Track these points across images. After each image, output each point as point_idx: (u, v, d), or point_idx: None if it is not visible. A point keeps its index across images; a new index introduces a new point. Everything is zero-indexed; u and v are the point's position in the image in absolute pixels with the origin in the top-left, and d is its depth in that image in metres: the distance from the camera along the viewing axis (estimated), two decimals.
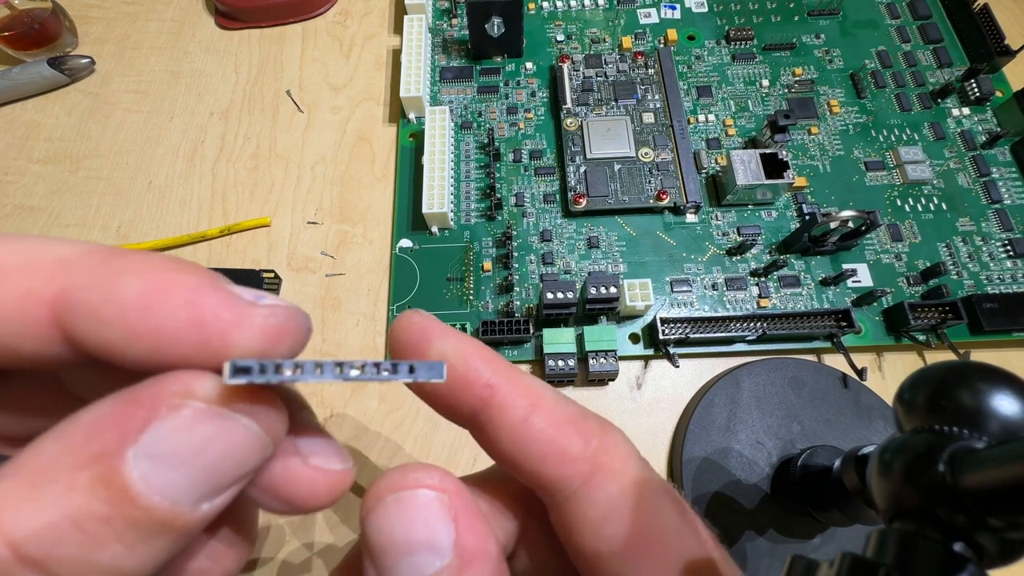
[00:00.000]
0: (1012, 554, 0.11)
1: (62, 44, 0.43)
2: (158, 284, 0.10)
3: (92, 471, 0.09)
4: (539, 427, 0.12)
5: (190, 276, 0.10)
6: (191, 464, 0.09)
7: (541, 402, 0.13)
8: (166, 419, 0.09)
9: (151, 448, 0.09)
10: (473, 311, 0.33)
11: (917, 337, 0.32)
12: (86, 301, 0.09)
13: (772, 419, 0.29)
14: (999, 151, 0.37)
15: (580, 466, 0.12)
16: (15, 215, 0.37)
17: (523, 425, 0.12)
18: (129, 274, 0.10)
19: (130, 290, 0.09)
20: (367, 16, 0.45)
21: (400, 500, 0.11)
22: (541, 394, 0.13)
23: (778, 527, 0.27)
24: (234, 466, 0.10)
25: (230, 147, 0.40)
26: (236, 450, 0.10)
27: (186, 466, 0.09)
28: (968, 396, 0.13)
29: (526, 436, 0.12)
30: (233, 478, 0.10)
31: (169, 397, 0.09)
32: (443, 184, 0.34)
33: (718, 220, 0.36)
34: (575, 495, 0.12)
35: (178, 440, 0.09)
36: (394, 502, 0.11)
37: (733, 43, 0.41)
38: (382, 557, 0.11)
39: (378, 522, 0.11)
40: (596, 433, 0.13)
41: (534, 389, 0.13)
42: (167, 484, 0.09)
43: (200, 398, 0.09)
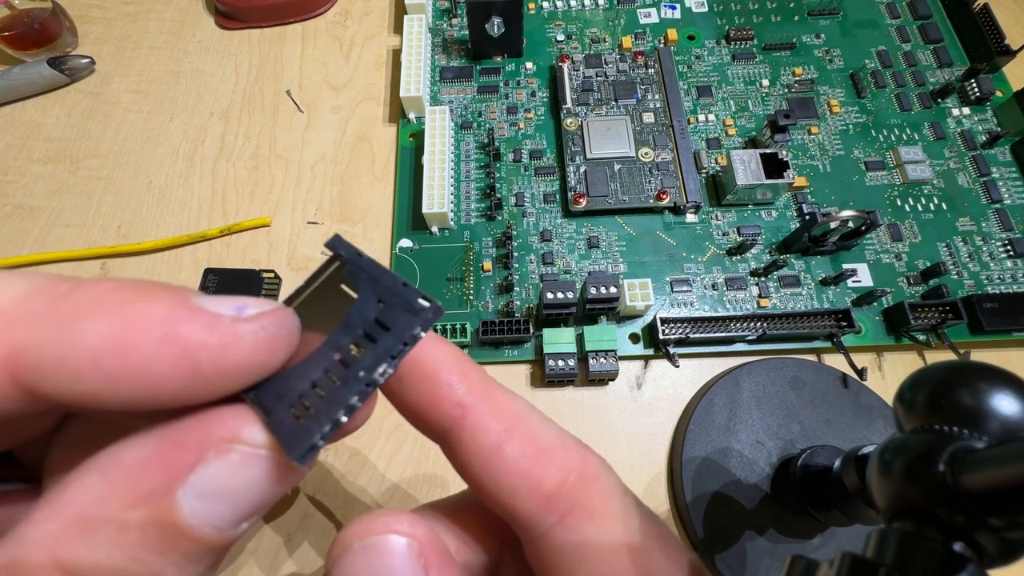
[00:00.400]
0: (1012, 554, 0.11)
1: (62, 44, 0.43)
2: (126, 322, 0.09)
3: (144, 511, 0.09)
4: (512, 456, 0.11)
5: (157, 303, 0.09)
6: (238, 499, 0.10)
7: (517, 426, 0.12)
8: (213, 462, 0.09)
9: (200, 487, 0.09)
10: (473, 311, 0.33)
11: (917, 337, 0.32)
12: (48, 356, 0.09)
13: (772, 419, 0.29)
14: (999, 151, 0.37)
15: (555, 504, 0.11)
16: (15, 215, 0.37)
17: (495, 453, 0.11)
18: (88, 317, 0.09)
19: (95, 336, 0.09)
20: (367, 16, 0.45)
21: (367, 547, 0.11)
22: (518, 417, 0.12)
23: (778, 527, 0.27)
24: (276, 494, 0.10)
25: (230, 147, 0.40)
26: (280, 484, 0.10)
27: (234, 501, 0.10)
28: (968, 396, 0.13)
29: (498, 465, 0.11)
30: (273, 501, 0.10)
31: (217, 442, 0.10)
32: (443, 184, 0.34)
33: (718, 220, 0.36)
34: (549, 533, 0.11)
35: (227, 481, 0.09)
36: (361, 549, 0.11)
37: (733, 43, 0.41)
38: None
39: (345, 570, 0.10)
40: (575, 466, 0.12)
41: (511, 411, 0.12)
42: (214, 516, 0.09)
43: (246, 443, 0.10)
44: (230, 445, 0.10)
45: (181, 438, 0.09)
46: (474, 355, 0.32)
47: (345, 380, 0.10)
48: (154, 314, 0.09)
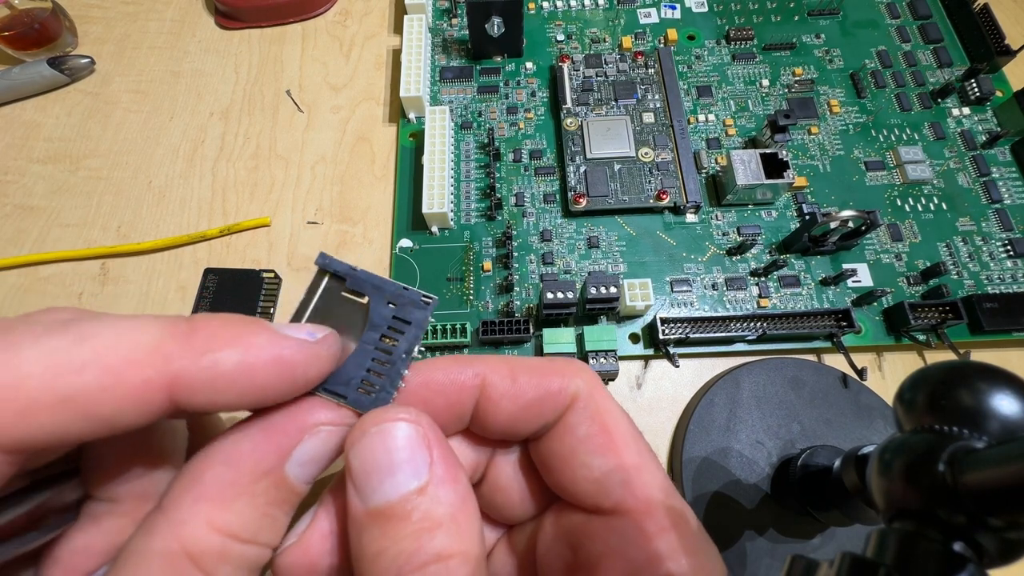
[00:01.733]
0: (1012, 554, 0.11)
1: (62, 44, 0.43)
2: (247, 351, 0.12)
3: (266, 482, 0.13)
4: (526, 379, 0.15)
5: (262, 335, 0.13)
6: (324, 462, 0.14)
7: (516, 365, 0.16)
8: (308, 441, 0.13)
9: (300, 459, 0.13)
10: (473, 311, 0.33)
11: (917, 337, 0.32)
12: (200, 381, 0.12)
13: (772, 419, 0.29)
14: (999, 151, 0.37)
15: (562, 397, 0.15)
16: (15, 215, 0.37)
17: (515, 384, 0.15)
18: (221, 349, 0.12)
19: (231, 363, 0.12)
20: (367, 16, 0.45)
21: (383, 431, 0.13)
22: (513, 360, 0.16)
23: (778, 527, 0.27)
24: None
25: (230, 147, 0.40)
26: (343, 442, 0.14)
27: (321, 463, 0.14)
28: (968, 396, 0.13)
29: (520, 392, 0.15)
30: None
31: (310, 427, 0.14)
32: (443, 184, 0.34)
33: (718, 220, 0.36)
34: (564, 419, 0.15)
35: (318, 452, 0.14)
36: (378, 432, 0.13)
37: (733, 43, 0.41)
38: (367, 480, 0.13)
39: (364, 450, 0.13)
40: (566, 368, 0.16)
41: (505, 360, 0.16)
42: (309, 476, 0.14)
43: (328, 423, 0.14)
44: (318, 428, 0.14)
45: (283, 427, 0.13)
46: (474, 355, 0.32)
47: (392, 362, 0.14)
48: (263, 344, 0.13)
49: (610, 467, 0.15)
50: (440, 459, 0.13)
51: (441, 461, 0.13)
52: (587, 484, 0.15)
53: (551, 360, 0.16)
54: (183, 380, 0.12)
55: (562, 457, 0.15)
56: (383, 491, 0.13)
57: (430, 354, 0.32)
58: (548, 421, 0.16)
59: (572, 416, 0.15)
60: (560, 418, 0.15)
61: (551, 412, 0.15)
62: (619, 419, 0.16)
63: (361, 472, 0.13)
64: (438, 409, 0.15)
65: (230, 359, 0.12)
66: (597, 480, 0.15)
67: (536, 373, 0.15)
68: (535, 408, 0.15)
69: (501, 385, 0.15)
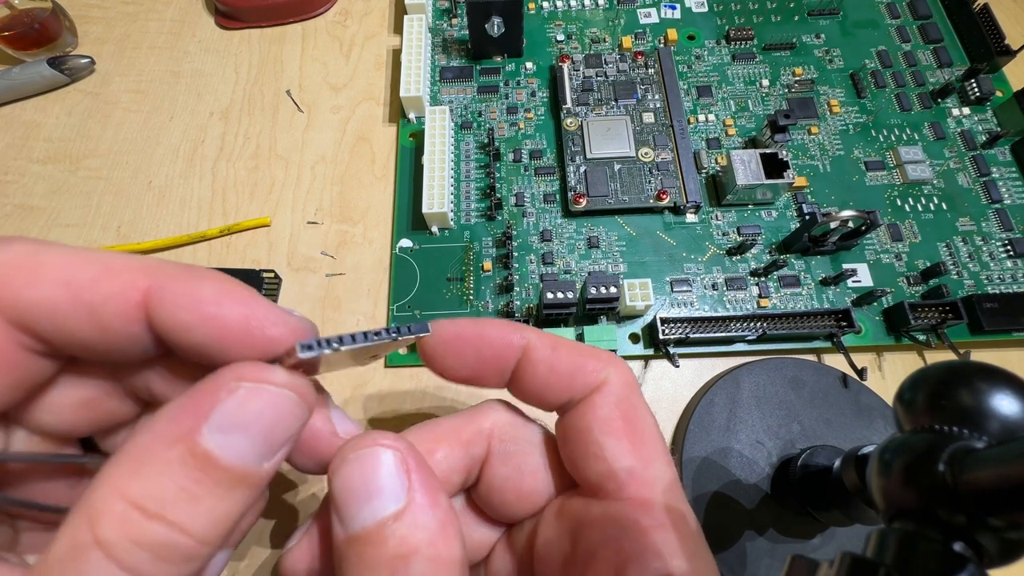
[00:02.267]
0: (1012, 554, 0.11)
1: (62, 44, 0.43)
2: (226, 288, 0.13)
3: (179, 447, 0.12)
4: (565, 352, 0.16)
5: (246, 289, 0.14)
6: (251, 430, 0.12)
7: (559, 340, 0.17)
8: (226, 400, 0.12)
9: (219, 422, 0.12)
10: (473, 311, 0.33)
11: (917, 337, 0.32)
12: (172, 292, 0.13)
13: (772, 419, 0.29)
14: (999, 151, 0.37)
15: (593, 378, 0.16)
16: (15, 215, 0.37)
17: (554, 353, 0.16)
18: (205, 279, 0.13)
19: (207, 290, 0.13)
20: (367, 16, 0.45)
21: (362, 457, 0.13)
22: (558, 336, 0.17)
23: (778, 527, 0.27)
24: (283, 428, 0.13)
25: (230, 147, 0.40)
26: (282, 415, 0.13)
27: (247, 432, 0.12)
28: (968, 396, 0.13)
29: (557, 361, 0.16)
30: (283, 438, 0.13)
31: (226, 383, 0.12)
32: (443, 184, 0.34)
33: (718, 220, 0.36)
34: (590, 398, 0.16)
35: (239, 413, 0.12)
36: (356, 459, 0.13)
37: (733, 43, 0.41)
38: (346, 505, 0.13)
39: (342, 477, 0.13)
40: (603, 355, 0.17)
41: (550, 334, 0.17)
42: (235, 448, 0.12)
43: (248, 379, 0.13)
44: (237, 383, 0.12)
45: (202, 387, 0.12)
46: None
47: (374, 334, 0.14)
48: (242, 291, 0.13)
49: (621, 452, 0.15)
50: (419, 483, 0.13)
51: (420, 485, 0.13)
52: (594, 461, 0.16)
53: (593, 347, 0.17)
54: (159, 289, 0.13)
55: (579, 430, 0.16)
56: (361, 517, 0.13)
57: None
58: (575, 396, 0.16)
59: (598, 397, 0.16)
60: (587, 397, 0.16)
61: (581, 387, 0.16)
62: (642, 414, 0.17)
63: (341, 497, 0.13)
64: (486, 358, 0.17)
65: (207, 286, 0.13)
66: (604, 459, 0.15)
67: (576, 351, 0.17)
68: (567, 380, 0.16)
69: (542, 351, 0.16)
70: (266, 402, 0.13)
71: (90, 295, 0.12)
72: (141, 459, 0.12)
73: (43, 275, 0.12)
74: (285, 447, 0.13)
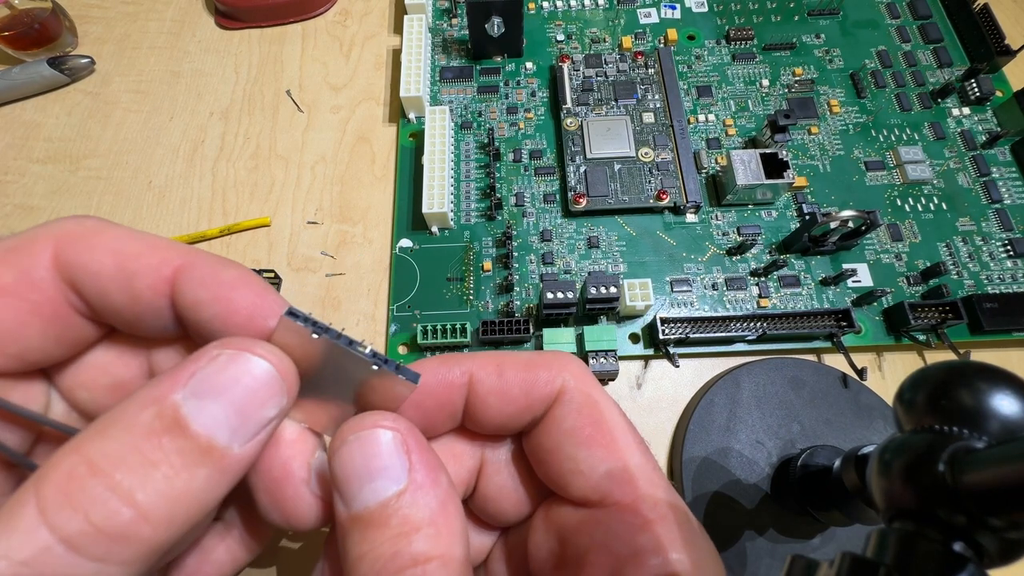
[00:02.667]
0: (1012, 554, 0.11)
1: (62, 44, 0.43)
2: (245, 277, 0.14)
3: (150, 410, 0.12)
4: (512, 373, 0.15)
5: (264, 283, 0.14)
6: (225, 397, 0.12)
7: (503, 359, 0.16)
8: (206, 366, 0.12)
9: (195, 388, 0.12)
10: (473, 311, 0.33)
11: (917, 337, 0.32)
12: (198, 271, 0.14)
13: (772, 419, 0.29)
14: (999, 151, 0.37)
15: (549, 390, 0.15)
16: (15, 215, 0.37)
17: (501, 379, 0.15)
18: (230, 267, 0.14)
19: (228, 274, 0.14)
20: (367, 16, 0.45)
21: (361, 438, 0.13)
22: (501, 355, 0.16)
23: (778, 527, 0.27)
24: (258, 404, 0.13)
25: (230, 147, 0.40)
26: (259, 387, 0.13)
27: (221, 398, 0.12)
28: (968, 396, 0.13)
29: (506, 386, 0.15)
30: (258, 418, 0.13)
31: (209, 351, 0.12)
32: (443, 184, 0.34)
33: (718, 220, 0.36)
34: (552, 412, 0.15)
35: (214, 378, 0.12)
36: (356, 440, 0.13)
37: (733, 43, 0.41)
38: (347, 486, 0.13)
39: (343, 457, 0.13)
40: (552, 361, 0.16)
41: (493, 355, 0.16)
42: (206, 415, 0.12)
43: (231, 347, 0.13)
44: (220, 350, 0.12)
45: (189, 356, 0.13)
46: None
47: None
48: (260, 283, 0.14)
49: (595, 459, 0.15)
50: (420, 463, 0.13)
51: (421, 465, 0.13)
52: (572, 477, 0.15)
53: (540, 353, 0.16)
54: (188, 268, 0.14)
55: (549, 450, 0.15)
56: (363, 497, 0.13)
57: (428, 355, 0.32)
58: (537, 414, 0.16)
59: (559, 409, 0.15)
60: (548, 411, 0.16)
61: (539, 405, 0.15)
62: (607, 411, 0.16)
63: (342, 478, 0.13)
64: (429, 410, 0.15)
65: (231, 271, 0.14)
66: (582, 473, 0.15)
67: (523, 367, 0.16)
68: (522, 402, 0.15)
69: (488, 381, 0.15)
70: (243, 370, 0.12)
71: (131, 264, 0.13)
72: (111, 420, 0.12)
73: (100, 243, 0.13)
74: (259, 434, 0.13)
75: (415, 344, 0.31)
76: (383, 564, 0.12)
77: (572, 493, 0.15)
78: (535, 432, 0.16)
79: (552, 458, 0.15)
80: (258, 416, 0.13)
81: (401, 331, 0.33)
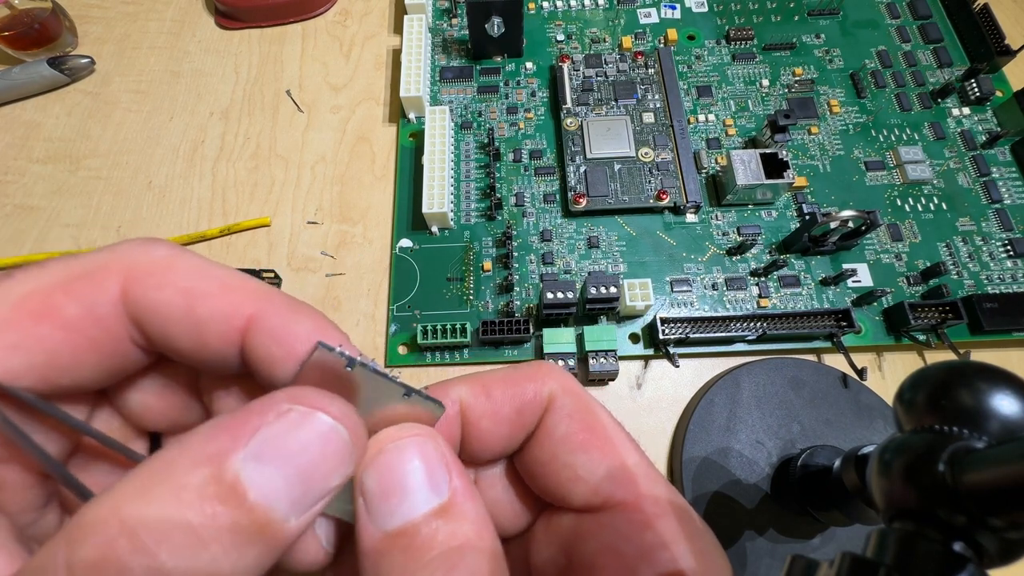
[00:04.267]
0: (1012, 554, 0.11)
1: (62, 44, 0.43)
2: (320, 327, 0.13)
3: (205, 470, 0.10)
4: (500, 392, 0.15)
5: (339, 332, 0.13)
6: (291, 465, 0.11)
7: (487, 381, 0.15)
8: (274, 423, 0.11)
9: (258, 450, 0.10)
10: (473, 311, 0.33)
11: (917, 337, 0.32)
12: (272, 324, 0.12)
13: (772, 419, 0.29)
14: (999, 151, 0.37)
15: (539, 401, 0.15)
16: (15, 215, 0.37)
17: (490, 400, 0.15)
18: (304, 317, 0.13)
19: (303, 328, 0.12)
20: (367, 16, 0.45)
21: (400, 447, 0.12)
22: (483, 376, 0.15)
23: (778, 527, 0.27)
24: (324, 474, 0.11)
25: (230, 147, 0.40)
26: (329, 455, 0.11)
27: (287, 466, 0.11)
28: (968, 396, 0.13)
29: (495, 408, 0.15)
30: (321, 488, 0.11)
31: (277, 404, 0.11)
32: (443, 184, 0.34)
33: (718, 220, 0.36)
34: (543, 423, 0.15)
35: (282, 440, 0.11)
36: (395, 449, 0.12)
37: (733, 43, 0.41)
38: (385, 501, 0.12)
39: (380, 469, 0.12)
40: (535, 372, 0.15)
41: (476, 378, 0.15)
42: (269, 484, 0.10)
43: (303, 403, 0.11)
44: (291, 406, 0.11)
45: (252, 405, 0.11)
46: (474, 355, 0.32)
47: None
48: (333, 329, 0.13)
49: (593, 463, 0.15)
50: (459, 476, 0.13)
51: (460, 477, 0.13)
52: (572, 484, 0.15)
53: (518, 367, 0.16)
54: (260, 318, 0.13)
55: (544, 462, 0.15)
56: (402, 512, 0.12)
57: (428, 355, 0.32)
58: (530, 429, 0.15)
59: (549, 419, 0.15)
60: (539, 423, 0.15)
61: (531, 419, 0.15)
62: (597, 414, 0.15)
63: (377, 492, 0.12)
64: None
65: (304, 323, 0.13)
66: (581, 478, 0.15)
67: (509, 383, 0.15)
68: (515, 419, 0.15)
69: (478, 404, 0.15)
70: (315, 432, 0.11)
71: (201, 309, 0.12)
72: (157, 477, 0.10)
73: (170, 281, 0.12)
74: (317, 505, 0.11)
75: (415, 344, 0.31)
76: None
77: (574, 501, 0.15)
78: (527, 447, 0.15)
79: (548, 469, 0.15)
80: (322, 486, 0.11)
81: (401, 331, 0.33)
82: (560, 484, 0.15)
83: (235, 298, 0.12)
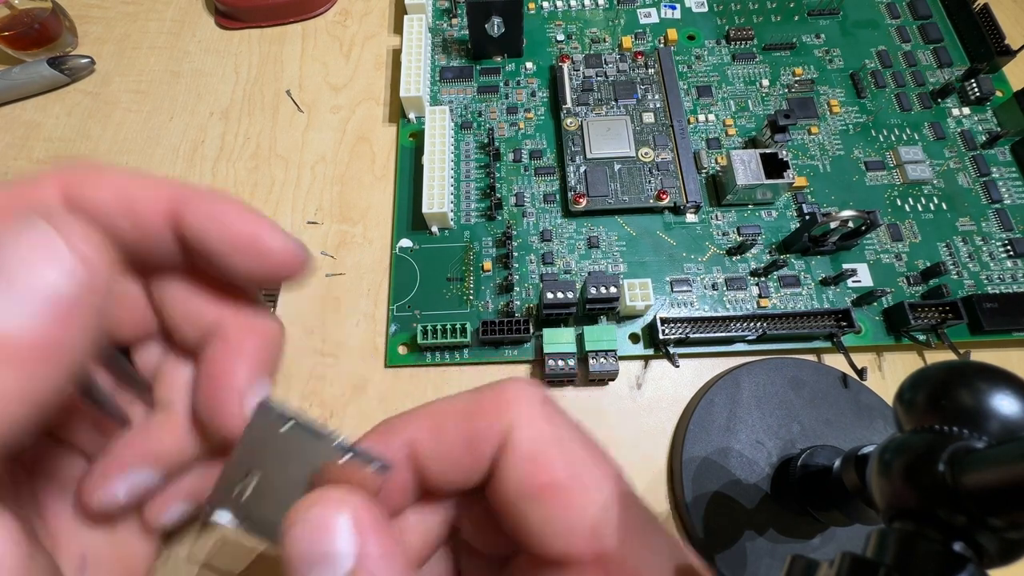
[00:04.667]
0: (1012, 554, 0.11)
1: (62, 44, 0.43)
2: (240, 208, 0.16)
3: None
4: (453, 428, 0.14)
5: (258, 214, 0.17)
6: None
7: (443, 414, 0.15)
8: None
9: None
10: (473, 311, 0.33)
11: (917, 337, 0.32)
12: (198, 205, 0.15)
13: (772, 419, 0.29)
14: (999, 151, 0.37)
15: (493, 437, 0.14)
16: None
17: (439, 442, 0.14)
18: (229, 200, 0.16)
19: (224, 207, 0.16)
20: (367, 16, 0.45)
21: (310, 518, 0.13)
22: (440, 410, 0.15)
23: (778, 527, 0.27)
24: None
25: (230, 147, 0.40)
26: None
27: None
28: (968, 396, 0.13)
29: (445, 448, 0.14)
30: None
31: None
32: (443, 184, 0.34)
33: (718, 220, 0.36)
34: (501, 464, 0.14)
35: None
36: (305, 520, 0.13)
37: (733, 43, 0.41)
38: (296, 568, 0.13)
39: (292, 539, 0.13)
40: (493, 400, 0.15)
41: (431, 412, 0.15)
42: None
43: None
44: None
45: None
46: (474, 355, 0.32)
47: None
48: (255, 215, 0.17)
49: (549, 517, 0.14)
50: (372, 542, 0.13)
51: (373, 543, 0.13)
52: (527, 537, 0.14)
53: (481, 394, 0.15)
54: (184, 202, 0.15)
55: (503, 506, 0.14)
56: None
57: (428, 355, 0.32)
58: (484, 469, 0.14)
59: (504, 460, 0.14)
60: (494, 464, 0.14)
61: (484, 460, 0.14)
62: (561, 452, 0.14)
63: (292, 560, 0.13)
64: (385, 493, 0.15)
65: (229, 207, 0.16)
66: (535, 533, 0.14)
67: (462, 418, 0.14)
68: (468, 461, 0.14)
69: (427, 446, 0.14)
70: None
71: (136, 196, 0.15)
72: None
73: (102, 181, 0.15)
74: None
75: (415, 344, 0.31)
76: None
77: (532, 551, 0.14)
78: (489, 486, 0.15)
79: (506, 514, 0.14)
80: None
81: (401, 331, 0.33)
82: (516, 532, 0.14)
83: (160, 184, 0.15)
